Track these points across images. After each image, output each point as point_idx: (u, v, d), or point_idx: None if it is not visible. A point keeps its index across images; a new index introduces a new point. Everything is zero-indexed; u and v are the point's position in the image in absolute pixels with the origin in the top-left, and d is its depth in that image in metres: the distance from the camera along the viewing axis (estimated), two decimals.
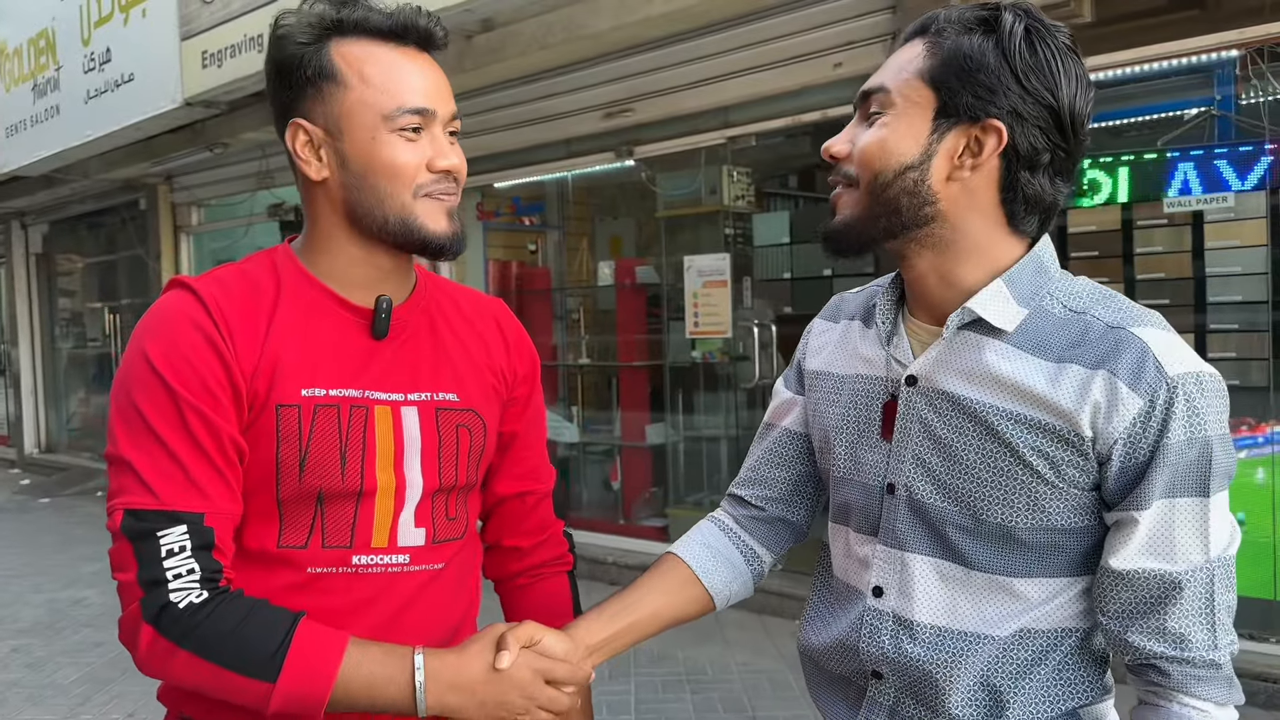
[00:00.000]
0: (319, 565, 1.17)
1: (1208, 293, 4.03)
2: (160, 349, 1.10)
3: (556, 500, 1.48)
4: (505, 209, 7.07)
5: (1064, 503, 1.06)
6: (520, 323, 1.42)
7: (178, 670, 1.07)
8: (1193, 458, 1.01)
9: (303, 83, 1.16)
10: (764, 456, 1.36)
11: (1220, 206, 3.98)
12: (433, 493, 1.23)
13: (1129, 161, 4.22)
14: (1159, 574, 1.03)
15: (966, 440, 1.09)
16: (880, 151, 1.09)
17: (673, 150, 5.71)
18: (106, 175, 8.66)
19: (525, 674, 1.12)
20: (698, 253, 5.71)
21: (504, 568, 1.43)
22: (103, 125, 6.89)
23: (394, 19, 1.17)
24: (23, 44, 7.82)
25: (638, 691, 4.15)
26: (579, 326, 6.77)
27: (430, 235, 1.18)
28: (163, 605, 1.05)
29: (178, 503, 1.07)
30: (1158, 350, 1.02)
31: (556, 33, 5.27)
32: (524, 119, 6.20)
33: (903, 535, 1.15)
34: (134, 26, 6.47)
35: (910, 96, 1.08)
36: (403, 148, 1.16)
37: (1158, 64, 4.07)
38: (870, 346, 1.21)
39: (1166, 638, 1.04)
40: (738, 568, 1.33)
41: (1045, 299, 1.09)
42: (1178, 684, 1.05)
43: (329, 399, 1.16)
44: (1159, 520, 1.02)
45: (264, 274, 1.20)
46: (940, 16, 1.09)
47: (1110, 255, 4.23)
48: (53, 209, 10.86)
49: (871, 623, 1.17)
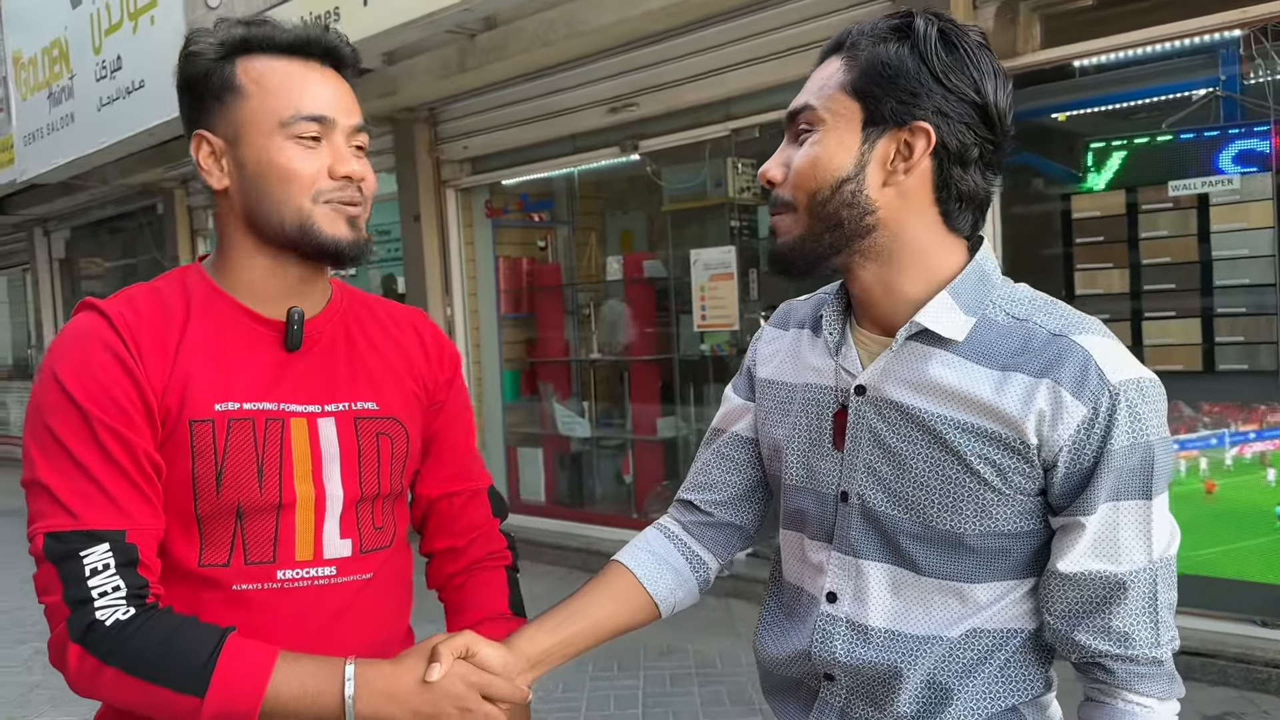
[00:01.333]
0: (243, 582, 1.17)
1: (1214, 276, 3.97)
2: (71, 370, 1.11)
3: (571, 494, 1.48)
4: (514, 206, 7.09)
5: (1011, 508, 1.08)
6: (440, 329, 1.43)
7: (106, 687, 1.08)
8: (1136, 462, 1.03)
9: (208, 96, 1.19)
10: (712, 461, 1.36)
11: (1226, 189, 3.92)
12: (355, 502, 1.24)
13: (1133, 145, 4.17)
14: (1104, 575, 1.05)
15: (915, 449, 1.10)
16: (814, 169, 1.09)
17: (677, 144, 5.71)
18: (123, 181, 8.78)
19: (459, 687, 1.12)
20: (704, 246, 5.71)
21: (440, 571, 1.43)
22: (116, 132, 6.96)
23: (297, 34, 1.19)
24: (37, 53, 7.91)
25: (646, 685, 4.17)
26: (590, 321, 6.79)
27: (328, 240, 1.19)
28: (89, 624, 1.05)
29: (98, 522, 1.07)
30: (1100, 358, 1.04)
31: (558, 29, 5.28)
32: (529, 116, 6.22)
33: (856, 542, 1.16)
34: (143, 34, 6.54)
35: (836, 110, 1.09)
36: (299, 154, 1.17)
37: (1161, 46, 4.02)
38: (819, 356, 1.22)
39: (1111, 636, 1.06)
40: (683, 575, 1.33)
41: (989, 307, 1.11)
42: (1122, 681, 1.07)
43: (243, 413, 1.17)
44: (1104, 523, 1.04)
45: (174, 291, 1.21)
46: (854, 31, 1.11)
47: (1115, 240, 4.18)
48: (73, 215, 11.01)
49: (825, 628, 1.18)
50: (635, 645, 4.62)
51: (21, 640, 5.22)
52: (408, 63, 6.06)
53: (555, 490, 6.77)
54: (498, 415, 7.08)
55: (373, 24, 5.10)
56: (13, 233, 12.29)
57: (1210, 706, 3.64)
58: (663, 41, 5.38)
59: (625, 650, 4.58)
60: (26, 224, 11.76)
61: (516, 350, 7.17)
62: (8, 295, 13.51)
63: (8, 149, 8.72)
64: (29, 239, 12.00)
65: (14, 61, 8.29)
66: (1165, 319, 4.09)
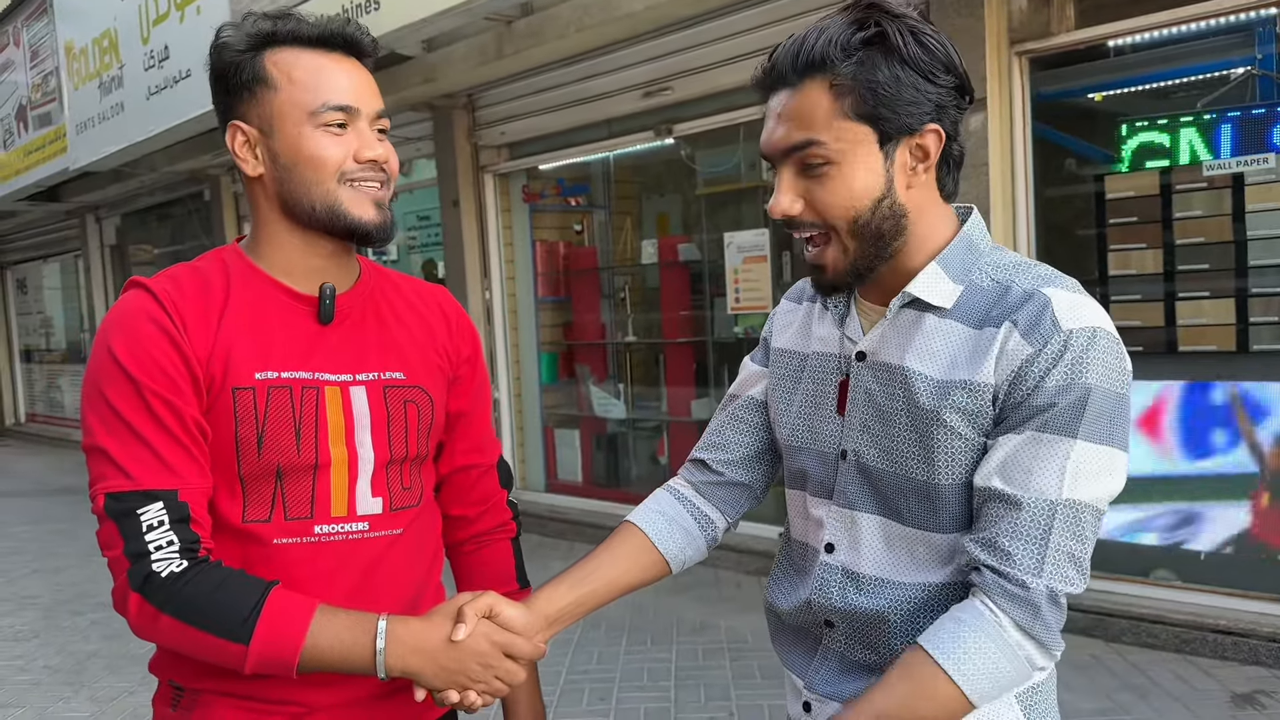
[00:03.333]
0: (283, 536, 1.26)
1: (1249, 256, 3.95)
2: (122, 344, 1.20)
3: (607, 475, 1.57)
4: (550, 191, 7.17)
5: (976, 456, 1.14)
6: (462, 307, 1.52)
7: (163, 633, 1.18)
8: (1069, 401, 1.07)
9: (239, 88, 1.28)
10: (727, 422, 1.44)
11: (1262, 168, 3.90)
12: (385, 464, 1.33)
13: (1167, 124, 4.15)
14: (1005, 496, 1.09)
15: (898, 405, 1.19)
16: (850, 198, 1.14)
17: (711, 127, 5.75)
18: (171, 168, 8.99)
19: (484, 645, 1.21)
20: (739, 229, 5.75)
21: (451, 535, 1.52)
22: (164, 120, 7.13)
23: (321, 28, 1.28)
24: (88, 44, 8.11)
25: (679, 659, 4.26)
26: (625, 304, 6.86)
27: (355, 221, 1.28)
28: (147, 575, 1.15)
29: (152, 481, 1.17)
30: (1059, 306, 1.10)
31: (593, 14, 5.34)
32: (565, 101, 6.29)
33: (852, 496, 1.24)
34: (189, 24, 6.69)
35: (848, 139, 1.13)
36: (327, 141, 1.26)
37: (1196, 25, 4.00)
38: (826, 327, 1.30)
39: (995, 551, 1.09)
40: (692, 534, 1.40)
41: (976, 274, 1.18)
42: (986, 587, 1.10)
43: (281, 381, 1.25)
44: (1020, 448, 1.09)
45: (214, 269, 1.30)
46: (826, 55, 1.12)
47: (1149, 220, 4.16)
48: (123, 202, 11.27)
49: (823, 576, 1.27)
50: (669, 620, 4.71)
51: (79, 612, 5.43)
52: (446, 50, 6.16)
53: (592, 471, 6.87)
54: (535, 397, 7.20)
55: (412, 12, 5.20)
56: (65, 219, 12.60)
57: (1241, 685, 3.66)
58: (696, 25, 5.42)
59: (659, 625, 4.67)
60: (79, 211, 12.06)
61: (554, 333, 7.27)
62: (61, 281, 13.86)
63: (61, 138, 8.96)
64: (81, 226, 12.30)
65: (66, 52, 8.51)
66: (1199, 299, 4.08)
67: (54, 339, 14.22)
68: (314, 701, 1.28)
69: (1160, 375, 4.17)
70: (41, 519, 8.31)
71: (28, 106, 9.80)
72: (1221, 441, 4.06)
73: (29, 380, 15.08)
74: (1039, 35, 4.26)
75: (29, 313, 14.93)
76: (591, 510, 6.47)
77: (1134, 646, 4.09)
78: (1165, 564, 4.26)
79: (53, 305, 14.18)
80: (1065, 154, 4.60)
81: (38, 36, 9.46)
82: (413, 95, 6.55)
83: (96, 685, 4.35)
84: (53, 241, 13.40)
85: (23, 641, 5.03)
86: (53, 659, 4.73)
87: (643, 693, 3.94)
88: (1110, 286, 4.27)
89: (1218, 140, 4.02)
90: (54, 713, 4.08)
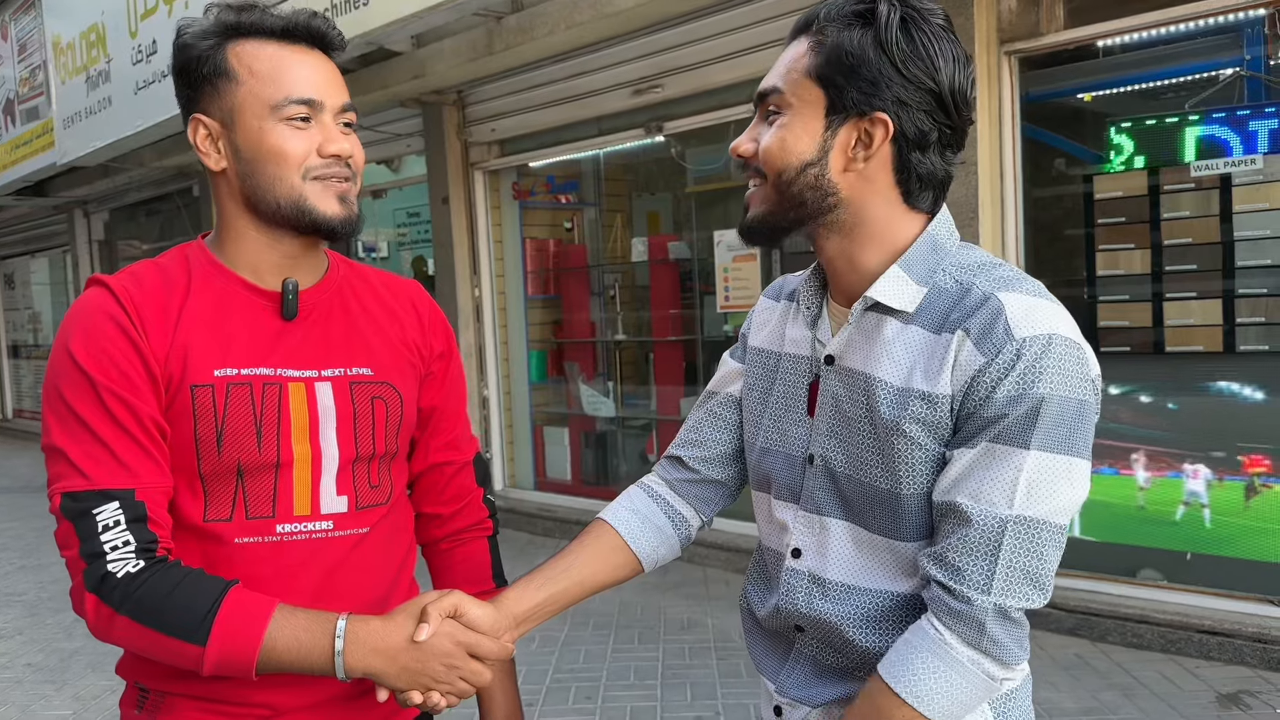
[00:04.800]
0: (245, 536, 1.24)
1: (1236, 257, 3.96)
2: (80, 343, 1.18)
3: (596, 473, 1.54)
4: (540, 188, 7.15)
5: (936, 466, 1.12)
6: (435, 302, 1.49)
7: (120, 634, 1.16)
8: (1021, 411, 1.05)
9: (201, 81, 1.25)
10: (705, 419, 1.41)
11: (1249, 169, 3.91)
12: (351, 461, 1.30)
13: (1156, 125, 4.16)
14: (957, 509, 1.08)
15: (861, 413, 1.17)
16: (781, 151, 1.15)
17: (702, 125, 5.75)
18: (160, 163, 8.94)
19: (447, 645, 1.18)
20: (728, 227, 5.74)
21: (426, 533, 1.50)
22: (152, 115, 7.07)
23: (285, 20, 1.25)
24: (75, 38, 8.06)
25: (665, 657, 4.25)
26: (615, 302, 6.85)
27: (321, 216, 1.25)
28: (102, 575, 1.13)
29: (108, 481, 1.15)
30: (1013, 313, 1.07)
31: (584, 11, 5.33)
32: (555, 98, 6.27)
33: (820, 501, 1.23)
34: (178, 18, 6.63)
35: (802, 96, 1.14)
36: (290, 135, 1.23)
37: (1184, 25, 4.00)
38: (799, 328, 1.29)
39: (945, 566, 1.08)
40: (665, 532, 1.39)
41: (939, 275, 1.15)
42: (933, 603, 1.09)
43: (241, 378, 1.23)
44: (974, 462, 1.07)
45: (177, 266, 1.29)
46: (821, 14, 1.14)
47: (1137, 221, 4.17)
48: (112, 197, 11.22)
49: (790, 581, 1.25)
50: (656, 618, 4.70)
51: (63, 609, 5.39)
52: (436, 45, 6.13)
53: (581, 469, 6.86)
54: (524, 395, 7.18)
55: (401, 7, 5.17)
56: (53, 214, 12.54)
57: (1226, 685, 3.66)
58: (686, 23, 5.41)
59: (646, 623, 4.66)
60: (67, 206, 12.00)
61: (543, 331, 7.26)
62: (49, 276, 13.80)
63: (48, 132, 8.90)
64: (69, 221, 12.24)
65: (53, 46, 8.46)
66: (1186, 299, 4.09)
67: (42, 335, 14.15)
68: (281, 704, 1.26)
69: (1147, 376, 4.19)
70: (27, 516, 8.26)
71: (15, 100, 9.74)
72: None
73: (16, 376, 15.00)
74: (1028, 35, 4.26)
75: (16, 308, 14.85)
76: (580, 508, 6.45)
77: (1120, 646, 4.10)
78: (1151, 564, 4.27)
79: (41, 301, 14.11)
80: (1054, 154, 4.61)
81: (25, 30, 9.40)
82: (402, 91, 6.53)
83: (79, 683, 4.32)
84: (41, 236, 13.33)
85: (5, 639, 5.00)
86: (35, 657, 4.71)
87: (629, 691, 3.93)
88: (1098, 287, 4.27)
89: (1206, 141, 4.03)
90: (36, 711, 4.05)
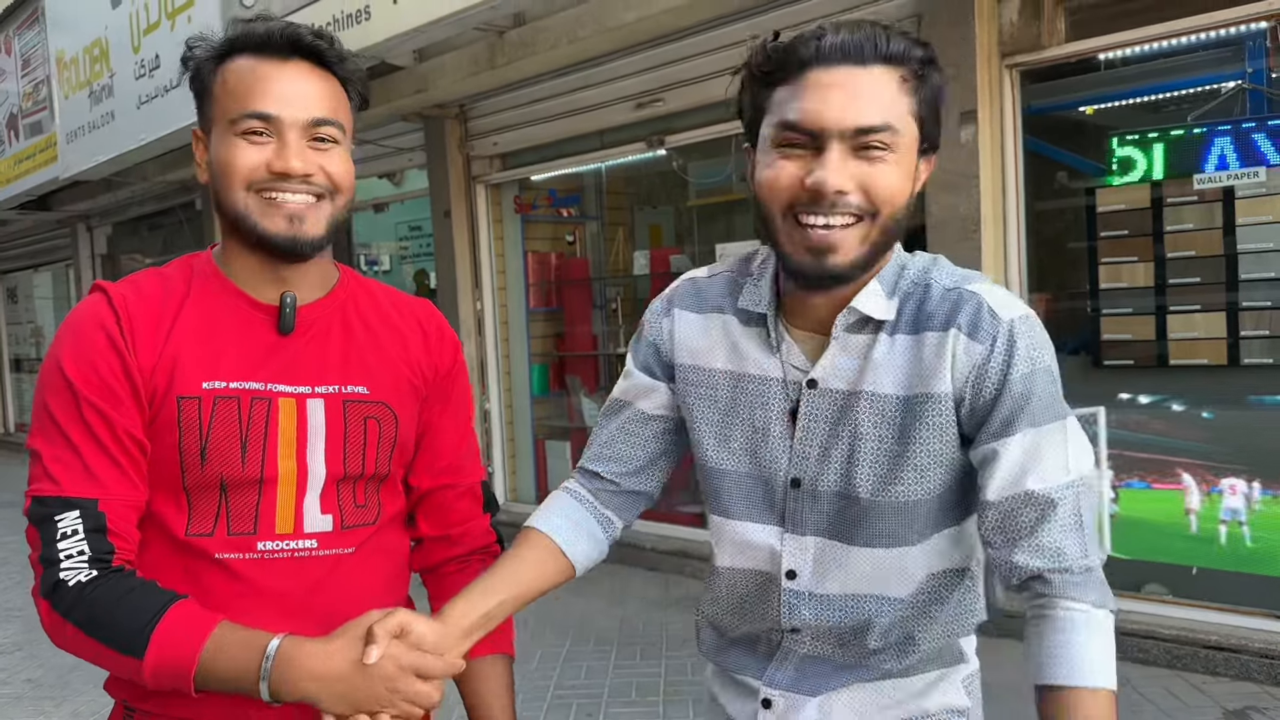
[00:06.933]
0: (225, 551, 1.22)
1: (1240, 270, 3.95)
2: (69, 351, 1.19)
3: None
4: (542, 201, 7.16)
5: (943, 465, 1.17)
6: (446, 321, 1.46)
7: (70, 642, 1.14)
8: (1040, 387, 1.12)
9: (199, 96, 1.28)
10: (618, 435, 1.39)
11: (1252, 182, 3.90)
12: (337, 480, 1.28)
13: (1159, 138, 4.15)
14: (1033, 496, 1.11)
15: (863, 430, 1.18)
16: (903, 188, 1.13)
17: (703, 138, 5.74)
18: (162, 177, 8.95)
19: (391, 668, 1.12)
20: (730, 240, 5.74)
21: (430, 557, 1.46)
22: (155, 129, 7.09)
23: (264, 31, 1.24)
24: (79, 53, 8.09)
25: (667, 673, 4.22)
26: (617, 315, 6.84)
27: (263, 233, 1.23)
28: (55, 582, 1.13)
29: (73, 489, 1.15)
30: (991, 301, 1.14)
31: (585, 25, 5.34)
32: (557, 112, 6.28)
33: (811, 523, 1.24)
34: (180, 32, 6.66)
35: (908, 135, 1.12)
36: (242, 149, 1.22)
37: (1186, 39, 4.00)
38: (757, 349, 1.26)
39: (1045, 553, 1.11)
40: (596, 536, 1.39)
41: (901, 282, 1.20)
42: (1059, 590, 1.11)
43: (229, 391, 1.22)
44: (1027, 447, 1.11)
45: (179, 275, 1.28)
46: (890, 39, 1.11)
47: (1140, 234, 4.16)
48: (115, 211, 11.23)
49: (790, 601, 1.27)
50: (657, 634, 4.67)
51: None
52: (438, 60, 6.15)
53: None
54: (526, 409, 7.16)
55: (403, 22, 5.18)
56: (56, 229, 12.56)
57: (1233, 701, 3.63)
58: (688, 37, 5.42)
59: (647, 639, 4.64)
60: (69, 220, 12.02)
61: (545, 344, 7.24)
62: (52, 291, 13.81)
63: (51, 147, 8.93)
64: (72, 235, 12.26)
65: (57, 61, 8.49)
66: (1190, 313, 4.07)
67: (44, 349, 14.11)
68: None
69: (1152, 389, 4.17)
70: None
71: (19, 115, 9.78)
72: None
73: (18, 390, 15.00)
74: (1030, 48, 4.26)
75: (19, 322, 14.86)
76: None
77: (1125, 662, 4.07)
78: (1157, 578, 4.24)
79: (44, 315, 14.11)
80: (1056, 167, 4.60)
81: (29, 45, 9.45)
82: (404, 105, 6.54)
83: (78, 699, 4.30)
84: (44, 251, 13.35)
85: (5, 654, 4.98)
86: (35, 672, 4.68)
87: (631, 707, 3.90)
88: (1101, 300, 4.26)
89: (1209, 154, 4.02)
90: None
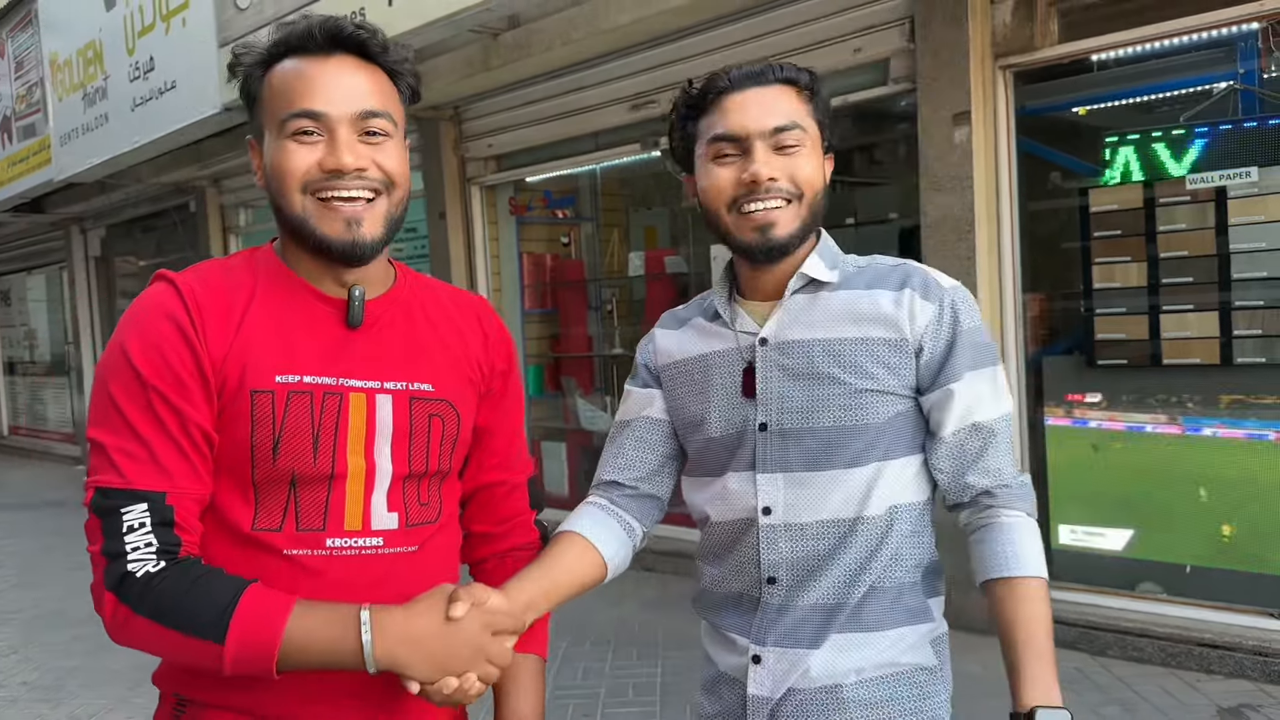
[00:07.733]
0: (294, 548, 1.22)
1: (1232, 269, 3.96)
2: (136, 340, 1.17)
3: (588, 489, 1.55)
4: (537, 203, 7.16)
5: (891, 400, 1.38)
6: (501, 320, 1.47)
7: (138, 635, 1.14)
8: (980, 339, 1.40)
9: (250, 104, 1.27)
10: (628, 443, 1.55)
11: (1244, 182, 3.92)
12: (403, 478, 1.28)
13: (1151, 138, 4.17)
14: (979, 426, 1.39)
15: (814, 371, 1.39)
16: (818, 175, 1.41)
17: None
18: (157, 180, 8.95)
19: (474, 626, 1.17)
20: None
21: (474, 552, 1.48)
22: (149, 132, 7.09)
23: (304, 29, 1.23)
24: (73, 55, 8.07)
25: (664, 674, 4.23)
26: (612, 317, 6.84)
27: (322, 238, 1.23)
28: (122, 575, 1.12)
29: (141, 482, 1.14)
30: (931, 274, 1.43)
31: (580, 27, 5.35)
32: (552, 114, 6.29)
33: (778, 460, 1.41)
34: (174, 35, 6.66)
35: (813, 133, 1.42)
36: (293, 151, 1.21)
37: (1178, 39, 4.02)
38: (718, 331, 1.49)
39: (990, 473, 1.40)
40: (622, 540, 1.50)
41: (840, 263, 1.46)
42: (1003, 501, 1.39)
43: (303, 385, 1.21)
44: (971, 388, 1.38)
45: (244, 267, 1.27)
46: (792, 73, 1.41)
47: (1133, 234, 4.18)
48: (108, 213, 11.21)
49: (768, 536, 1.41)
50: (654, 635, 4.68)
51: (59, 627, 5.37)
52: (433, 61, 6.14)
53: (578, 483, 6.84)
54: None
55: (397, 24, 5.18)
56: (50, 231, 12.53)
57: (1227, 699, 3.65)
58: (682, 39, 5.43)
59: (645, 639, 4.64)
60: (63, 223, 12.00)
61: (540, 345, 7.25)
62: (45, 293, 13.78)
63: (45, 149, 8.91)
64: (66, 237, 12.23)
65: (51, 63, 8.47)
66: (1183, 312, 4.09)
67: (38, 351, 14.12)
68: (316, 716, 1.23)
69: (1144, 389, 4.19)
70: (24, 533, 8.23)
71: (12, 118, 9.75)
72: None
73: (12, 393, 14.96)
74: (1023, 49, 4.28)
75: (12, 325, 14.83)
76: None
77: (1120, 660, 4.09)
78: (1151, 577, 4.27)
79: (37, 318, 14.09)
80: (1049, 168, 4.62)
81: (22, 48, 9.42)
82: None
83: (75, 702, 4.30)
84: (37, 253, 13.32)
85: (1, 657, 4.97)
86: (31, 675, 4.68)
87: (628, 708, 3.91)
88: (1094, 300, 4.28)
89: (1201, 154, 4.04)
90: None
